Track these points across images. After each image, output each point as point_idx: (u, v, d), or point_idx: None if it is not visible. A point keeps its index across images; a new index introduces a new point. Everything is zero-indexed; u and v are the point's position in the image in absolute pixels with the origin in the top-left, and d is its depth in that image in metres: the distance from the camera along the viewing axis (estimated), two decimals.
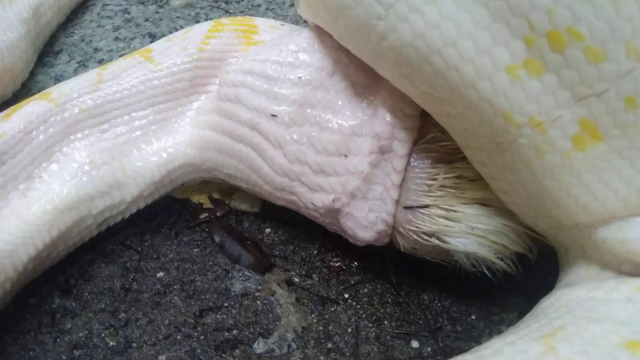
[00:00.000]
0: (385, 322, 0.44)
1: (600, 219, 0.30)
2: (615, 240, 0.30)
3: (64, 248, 0.44)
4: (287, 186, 0.43)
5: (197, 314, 0.44)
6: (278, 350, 0.42)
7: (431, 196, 0.40)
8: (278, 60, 0.43)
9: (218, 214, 0.52)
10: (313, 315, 0.44)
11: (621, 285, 0.29)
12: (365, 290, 0.46)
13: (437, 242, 0.40)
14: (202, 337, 0.43)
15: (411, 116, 0.40)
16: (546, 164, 0.30)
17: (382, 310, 0.45)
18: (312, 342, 0.43)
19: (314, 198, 0.42)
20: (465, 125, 0.34)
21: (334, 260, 0.49)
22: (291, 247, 0.50)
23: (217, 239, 0.50)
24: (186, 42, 0.47)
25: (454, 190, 0.39)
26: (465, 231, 0.38)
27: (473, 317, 0.45)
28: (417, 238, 0.41)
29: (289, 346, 0.42)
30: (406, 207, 0.40)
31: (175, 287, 0.47)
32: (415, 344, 0.43)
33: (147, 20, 0.69)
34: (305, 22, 0.50)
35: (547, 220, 0.34)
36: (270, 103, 0.42)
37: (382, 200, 0.41)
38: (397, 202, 0.41)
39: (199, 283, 0.47)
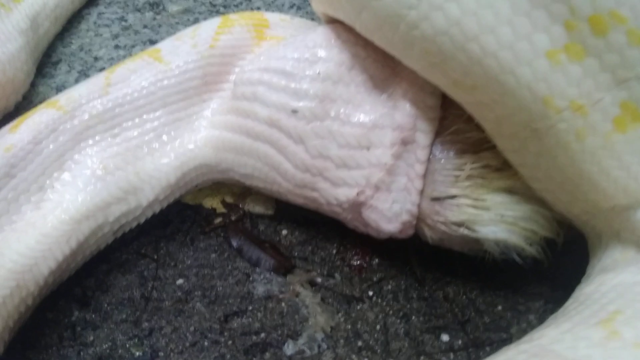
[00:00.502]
0: (413, 317, 0.44)
1: None
2: None
3: (82, 258, 0.43)
4: (309, 182, 0.43)
5: (222, 319, 0.43)
6: (309, 351, 0.41)
7: (458, 187, 0.40)
8: (295, 57, 0.43)
9: (233, 218, 0.52)
10: (340, 315, 0.44)
11: None
12: (389, 287, 0.46)
13: (466, 231, 0.40)
14: (230, 342, 0.42)
15: (432, 107, 0.40)
16: (586, 148, 0.30)
17: (409, 306, 0.45)
18: (342, 341, 0.42)
19: (338, 193, 0.42)
20: (498, 113, 0.34)
21: (354, 258, 0.48)
22: (310, 248, 0.49)
23: (234, 243, 0.49)
24: (195, 39, 0.47)
25: (481, 180, 0.39)
26: (494, 219, 0.38)
27: (499, 307, 0.45)
28: (445, 229, 0.41)
29: (319, 346, 0.42)
30: (433, 199, 0.40)
31: (196, 293, 0.46)
32: (445, 337, 0.42)
33: (145, 27, 0.68)
34: (313, 19, 0.50)
35: (581, 205, 0.34)
36: (289, 99, 0.42)
37: (406, 191, 0.41)
38: (422, 193, 0.41)
39: (220, 288, 0.46)
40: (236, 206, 0.53)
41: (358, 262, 0.48)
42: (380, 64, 0.42)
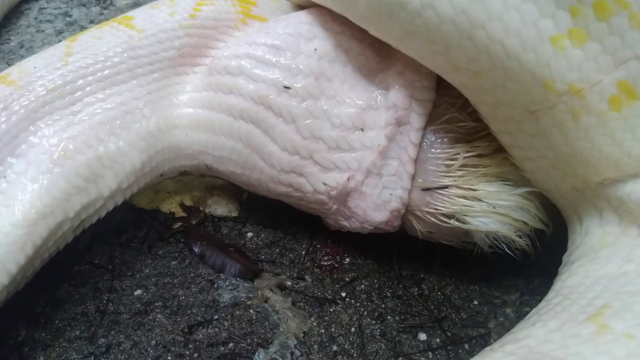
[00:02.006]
0: (389, 317, 0.42)
1: (631, 173, 0.30)
2: None
3: (40, 262, 0.38)
4: (297, 166, 0.40)
5: (186, 330, 0.40)
6: (281, 359, 0.39)
7: (450, 176, 0.39)
8: (288, 32, 0.41)
9: (193, 222, 0.49)
10: (312, 318, 0.42)
11: None
12: (362, 286, 0.44)
13: (457, 223, 0.38)
14: (196, 354, 0.39)
15: (428, 88, 0.39)
16: (581, 126, 0.31)
17: (383, 306, 0.43)
18: (316, 346, 0.40)
19: (327, 178, 0.40)
20: (498, 97, 0.33)
21: (325, 259, 0.46)
22: (277, 250, 0.47)
23: (196, 249, 0.46)
24: (174, 8, 0.43)
25: (473, 169, 0.38)
26: (486, 210, 0.38)
27: (475, 302, 0.43)
28: (435, 220, 0.39)
29: (292, 354, 0.39)
30: (424, 189, 0.39)
31: (156, 304, 0.42)
32: (422, 336, 0.41)
33: (92, 22, 0.64)
34: None
35: (571, 182, 0.34)
36: (282, 74, 0.40)
37: (397, 176, 0.39)
38: (414, 182, 0.39)
39: (183, 297, 0.43)
40: (197, 209, 0.50)
41: (329, 262, 0.46)
42: (377, 44, 0.41)
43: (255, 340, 0.40)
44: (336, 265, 0.46)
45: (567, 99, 0.30)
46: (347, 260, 0.46)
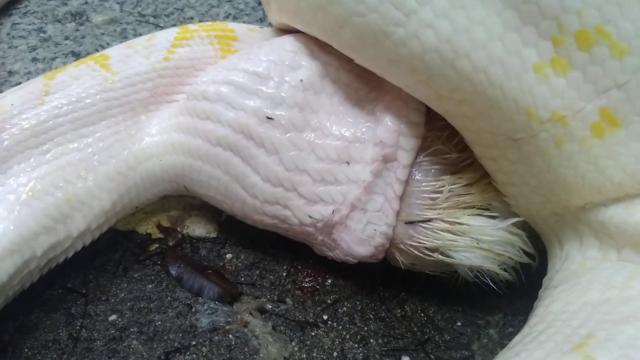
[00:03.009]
0: (372, 340, 0.41)
1: (614, 197, 0.30)
2: (627, 215, 0.30)
3: (4, 301, 0.37)
4: (281, 198, 0.39)
5: (162, 357, 0.39)
6: None
7: (435, 209, 0.38)
8: (272, 59, 0.40)
9: (170, 244, 0.47)
10: (294, 343, 0.41)
11: (632, 281, 0.29)
12: (345, 308, 0.43)
13: (440, 257, 0.38)
14: None
15: (416, 124, 0.38)
16: (563, 153, 0.31)
17: (366, 328, 0.42)
18: None
19: (312, 210, 0.39)
20: (481, 125, 0.33)
21: (306, 280, 0.45)
22: (257, 272, 0.46)
23: (173, 272, 0.45)
24: (149, 50, 0.42)
25: (458, 199, 0.38)
26: (470, 245, 0.37)
27: (459, 323, 0.43)
28: (418, 254, 0.39)
29: None
30: (407, 223, 0.39)
31: (132, 330, 0.41)
32: (406, 359, 0.40)
33: (67, 38, 0.63)
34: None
35: (553, 207, 0.34)
36: (263, 104, 0.38)
37: (382, 212, 0.38)
38: (398, 215, 0.39)
39: (159, 322, 0.41)
40: (174, 230, 0.48)
41: (310, 283, 0.45)
42: (365, 76, 0.40)
43: None
44: (318, 287, 0.45)
45: (550, 127, 0.30)
46: (329, 281, 0.45)
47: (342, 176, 0.39)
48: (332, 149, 0.39)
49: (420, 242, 0.38)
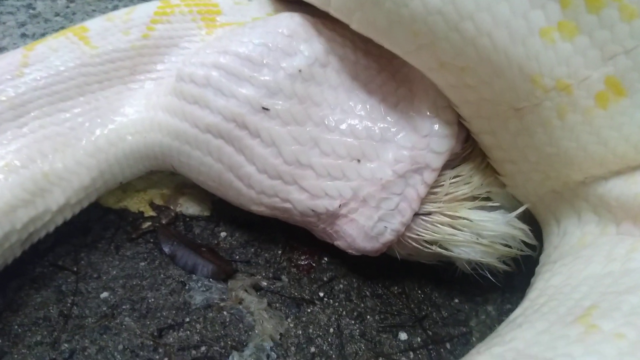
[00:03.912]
0: (368, 316, 0.41)
1: (615, 170, 0.30)
2: (627, 188, 0.29)
3: None
4: (280, 191, 0.38)
5: (155, 334, 0.38)
6: None
7: (435, 202, 0.37)
8: (265, 43, 0.37)
9: (163, 222, 0.47)
10: (289, 320, 0.40)
11: (633, 254, 0.28)
12: (341, 286, 0.43)
13: (439, 249, 0.37)
14: (166, 359, 0.37)
15: (450, 123, 0.37)
16: (566, 124, 0.30)
17: (363, 305, 0.41)
18: (293, 348, 0.38)
19: (316, 205, 0.37)
20: (483, 94, 0.32)
21: (302, 258, 0.45)
22: (252, 250, 0.45)
23: (166, 249, 0.44)
24: (128, 24, 0.41)
25: (458, 193, 0.37)
26: (470, 240, 0.36)
27: (456, 300, 0.42)
28: (417, 246, 0.38)
29: (268, 356, 0.37)
30: None
31: (124, 307, 0.40)
32: (403, 335, 0.40)
33: (57, 15, 0.61)
34: None
35: (552, 183, 0.33)
36: (257, 92, 0.36)
37: (398, 211, 0.37)
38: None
39: (152, 300, 0.41)
40: (167, 208, 0.48)
41: (306, 261, 0.44)
42: (381, 65, 0.38)
43: (229, 343, 0.38)
44: (314, 264, 0.44)
45: (554, 96, 0.30)
46: (325, 259, 0.44)
47: (353, 173, 0.37)
48: (339, 144, 0.37)
49: (419, 235, 0.38)
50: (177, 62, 0.41)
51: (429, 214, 0.38)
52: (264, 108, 0.36)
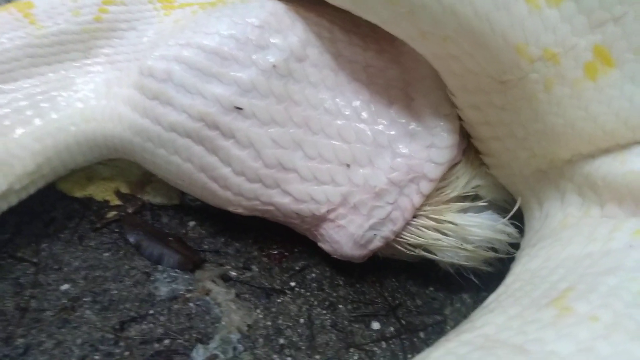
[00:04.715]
0: (340, 306, 0.39)
1: (604, 147, 0.28)
2: (616, 166, 0.28)
3: None
4: (261, 194, 0.35)
5: (117, 327, 0.37)
6: (222, 355, 0.35)
7: (421, 206, 0.36)
8: (234, 35, 0.34)
9: (129, 211, 0.45)
10: (258, 310, 0.38)
11: (615, 233, 0.27)
12: (313, 275, 0.41)
13: (422, 253, 0.36)
14: (127, 352, 0.35)
15: (453, 132, 0.35)
16: (553, 98, 0.28)
17: (335, 294, 0.40)
18: (261, 340, 0.37)
19: (301, 209, 0.35)
20: (467, 66, 0.31)
21: (274, 247, 0.43)
22: (222, 239, 0.43)
23: (131, 239, 0.42)
24: (78, 3, 0.38)
25: (444, 195, 0.36)
26: (454, 245, 0.35)
27: (431, 288, 0.41)
28: (400, 249, 0.37)
29: (234, 349, 0.36)
30: None
31: (85, 299, 0.38)
32: (375, 325, 0.38)
33: None
34: None
35: (537, 162, 0.32)
36: (227, 90, 0.34)
37: (390, 220, 0.35)
38: None
39: (115, 291, 0.39)
40: (133, 197, 0.46)
41: (278, 250, 0.43)
42: (360, 63, 0.36)
43: (194, 335, 0.36)
44: (286, 253, 0.43)
45: (541, 66, 0.28)
46: (298, 248, 0.43)
47: (342, 178, 0.35)
48: (325, 148, 0.35)
49: (403, 238, 0.36)
50: (137, 46, 0.39)
51: (414, 217, 0.36)
52: (236, 107, 0.34)
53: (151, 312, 0.38)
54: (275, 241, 0.43)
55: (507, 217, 0.36)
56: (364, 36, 0.37)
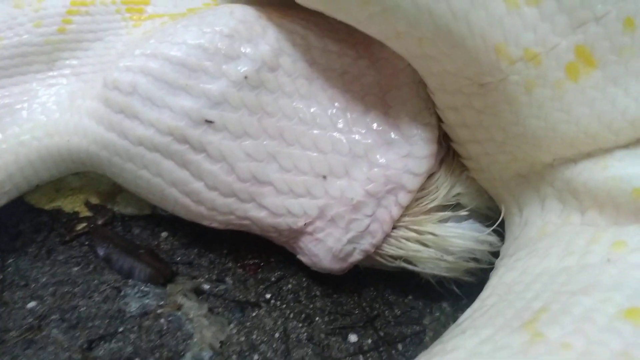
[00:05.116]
0: (317, 318, 0.38)
1: (586, 151, 0.28)
2: (598, 171, 0.27)
3: None
4: (236, 209, 0.34)
5: (84, 346, 0.35)
6: None
7: (401, 217, 0.35)
8: (202, 45, 0.33)
9: (100, 222, 0.43)
10: (232, 325, 0.37)
11: (593, 246, 0.26)
12: (289, 286, 0.40)
13: (403, 264, 0.35)
14: None
15: (431, 142, 0.34)
16: (534, 100, 0.27)
17: (312, 306, 0.39)
18: (234, 357, 0.36)
19: (278, 222, 0.34)
20: (445, 67, 0.29)
21: (249, 257, 0.42)
22: (195, 250, 0.42)
23: (101, 252, 0.41)
24: (40, 14, 0.37)
25: (424, 205, 0.35)
26: (435, 257, 0.34)
27: (410, 297, 0.40)
28: (380, 260, 0.36)
29: None
30: None
31: (53, 317, 0.37)
32: (353, 337, 0.37)
33: None
34: None
35: (518, 166, 0.31)
36: (196, 103, 0.32)
37: (368, 232, 0.35)
38: None
39: (84, 308, 0.38)
40: (103, 207, 0.44)
41: (253, 260, 0.42)
42: (336, 70, 0.35)
43: (165, 353, 0.35)
44: (262, 263, 0.42)
45: (521, 68, 0.27)
46: (275, 257, 0.42)
47: (319, 190, 0.34)
48: (301, 159, 0.34)
49: (383, 250, 0.35)
50: (104, 58, 0.37)
51: (393, 228, 0.35)
52: (207, 120, 0.32)
53: (121, 329, 0.37)
54: (250, 251, 0.42)
55: (491, 229, 0.35)
56: (339, 41, 0.36)
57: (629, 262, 0.23)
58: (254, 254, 0.42)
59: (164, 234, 0.43)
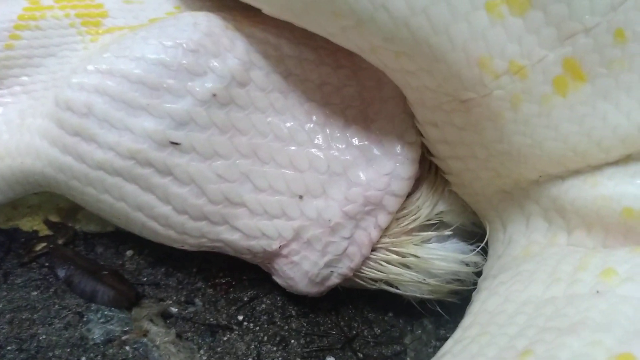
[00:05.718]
0: (292, 340, 0.36)
1: (573, 168, 0.26)
2: (586, 189, 0.26)
3: None
4: (208, 232, 0.32)
5: None
6: None
7: (381, 238, 0.34)
8: (163, 60, 0.30)
9: (60, 242, 0.41)
10: (202, 351, 0.35)
11: (580, 274, 0.24)
12: (263, 306, 0.38)
13: (384, 286, 0.34)
14: None
15: (414, 162, 0.33)
16: (519, 117, 0.26)
17: (287, 327, 0.37)
18: None
19: (252, 245, 0.33)
20: (424, 82, 0.28)
21: (220, 275, 0.40)
22: (163, 269, 0.40)
23: (61, 274, 0.39)
24: None
25: (405, 226, 0.34)
26: (416, 280, 0.33)
27: (390, 314, 0.39)
28: (361, 282, 0.35)
29: None
30: None
31: (9, 348, 0.35)
32: None
33: None
34: None
35: (501, 182, 0.30)
36: (159, 125, 0.30)
37: (346, 256, 0.33)
38: None
39: (44, 337, 0.35)
40: (64, 225, 0.42)
41: (225, 279, 0.40)
42: (313, 82, 0.33)
43: None
44: (234, 282, 0.39)
45: (507, 82, 0.25)
46: (248, 275, 0.40)
47: (294, 211, 0.32)
48: (276, 178, 0.32)
49: (363, 273, 0.34)
50: (57, 75, 0.34)
51: (373, 250, 0.34)
52: (172, 142, 0.30)
53: (83, 358, 0.34)
54: (221, 269, 0.40)
55: (474, 252, 0.34)
56: (317, 48, 0.34)
57: (619, 294, 0.22)
58: (225, 272, 0.40)
59: (129, 253, 0.40)
